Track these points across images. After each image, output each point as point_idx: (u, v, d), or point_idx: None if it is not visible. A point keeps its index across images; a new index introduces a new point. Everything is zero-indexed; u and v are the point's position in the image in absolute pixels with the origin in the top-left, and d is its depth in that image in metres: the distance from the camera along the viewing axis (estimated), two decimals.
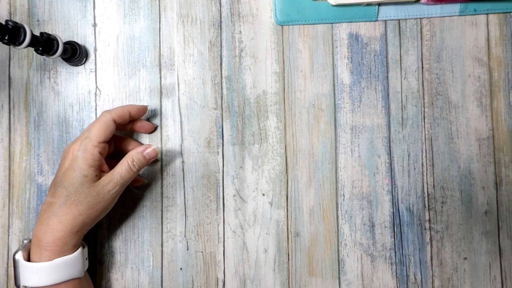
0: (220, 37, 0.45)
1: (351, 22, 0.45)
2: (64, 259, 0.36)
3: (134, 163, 0.38)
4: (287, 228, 0.44)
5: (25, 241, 0.38)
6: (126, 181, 0.38)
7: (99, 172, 0.37)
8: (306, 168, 0.44)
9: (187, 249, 0.44)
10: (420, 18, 0.45)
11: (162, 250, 0.44)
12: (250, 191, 0.44)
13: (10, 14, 0.44)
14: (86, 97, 0.44)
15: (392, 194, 0.44)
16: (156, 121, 0.44)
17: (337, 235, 0.44)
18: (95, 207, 0.37)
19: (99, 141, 0.37)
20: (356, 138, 0.44)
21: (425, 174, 0.44)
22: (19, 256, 0.36)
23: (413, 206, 0.44)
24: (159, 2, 0.45)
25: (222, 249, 0.44)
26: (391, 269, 0.44)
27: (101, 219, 0.41)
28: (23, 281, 0.36)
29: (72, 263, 0.37)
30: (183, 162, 0.44)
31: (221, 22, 0.45)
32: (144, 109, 0.42)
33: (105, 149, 0.38)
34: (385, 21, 0.45)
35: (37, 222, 0.37)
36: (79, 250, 0.38)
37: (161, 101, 0.44)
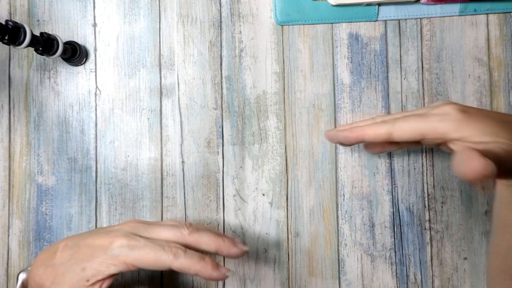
0: (220, 37, 0.45)
1: (351, 22, 0.45)
2: None
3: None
4: (287, 228, 0.44)
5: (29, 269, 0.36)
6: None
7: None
8: (306, 168, 0.44)
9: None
10: (420, 18, 0.45)
11: None
12: (250, 191, 0.44)
13: (10, 14, 0.44)
14: (86, 97, 0.44)
15: (392, 194, 0.44)
16: (156, 121, 0.44)
17: (337, 235, 0.44)
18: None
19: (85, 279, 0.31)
20: None
21: (425, 174, 0.44)
22: (20, 278, 0.35)
23: (413, 206, 0.44)
24: (159, 2, 0.45)
25: None
26: (391, 269, 0.44)
27: (102, 219, 0.41)
28: None
29: None
30: (183, 162, 0.44)
31: (221, 22, 0.45)
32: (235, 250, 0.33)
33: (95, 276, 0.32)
34: (385, 21, 0.45)
35: (37, 266, 0.33)
36: None
37: (161, 101, 0.44)
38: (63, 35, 0.44)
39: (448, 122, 0.32)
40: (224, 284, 0.44)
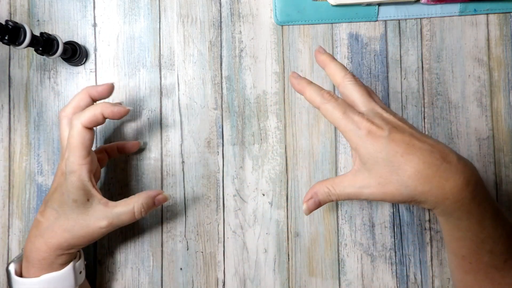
0: (220, 37, 0.45)
1: (351, 22, 0.45)
2: (52, 275, 0.35)
3: (142, 210, 0.35)
4: (287, 228, 0.44)
5: (22, 251, 0.37)
6: (123, 224, 0.35)
7: (91, 195, 0.34)
8: (306, 168, 0.44)
9: (187, 249, 0.44)
10: (420, 18, 0.45)
11: (162, 250, 0.44)
12: (250, 191, 0.44)
13: (10, 14, 0.44)
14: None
15: None
16: (156, 121, 0.44)
17: (337, 235, 0.44)
18: (82, 237, 0.34)
19: (84, 156, 0.33)
20: None
21: None
22: (11, 268, 0.35)
23: (413, 206, 0.44)
24: (159, 2, 0.45)
25: (222, 249, 0.44)
26: (391, 269, 0.44)
27: None
28: None
29: (61, 279, 0.35)
30: (183, 162, 0.44)
31: (221, 22, 0.45)
32: (119, 111, 0.35)
33: (92, 162, 0.35)
34: (385, 21, 0.45)
35: (27, 237, 0.35)
36: (70, 265, 0.36)
37: (161, 101, 0.44)
38: (63, 35, 0.44)
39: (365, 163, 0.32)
40: (224, 284, 0.44)
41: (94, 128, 0.36)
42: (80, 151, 0.33)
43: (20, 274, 0.36)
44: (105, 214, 0.34)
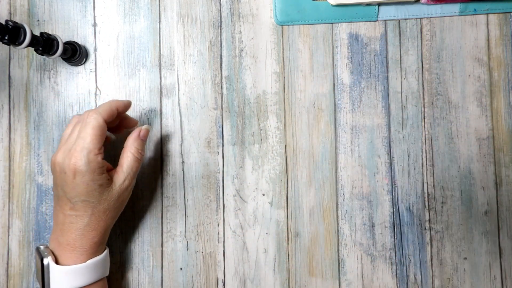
0: (220, 37, 0.45)
1: (351, 22, 0.45)
2: (97, 259, 0.37)
3: (139, 151, 0.38)
4: (287, 228, 0.44)
5: (41, 247, 0.38)
6: (137, 170, 0.39)
7: (108, 173, 0.37)
8: (306, 168, 0.44)
9: (187, 249, 0.44)
10: (420, 18, 0.45)
11: (162, 250, 0.44)
12: (250, 191, 0.44)
13: (10, 14, 0.44)
14: (86, 97, 0.44)
15: (392, 194, 0.44)
16: (156, 121, 0.44)
17: (337, 235, 0.44)
18: (121, 206, 0.39)
19: (99, 148, 0.36)
20: (356, 138, 0.44)
21: (425, 174, 0.44)
22: (49, 261, 0.36)
23: (413, 206, 0.44)
24: (159, 2, 0.45)
25: (222, 249, 0.44)
26: (391, 269, 0.44)
27: None
28: (54, 286, 0.36)
29: (102, 262, 0.38)
30: (183, 162, 0.44)
31: (221, 22, 0.45)
32: (128, 104, 0.40)
33: (103, 151, 0.37)
34: (385, 21, 0.45)
35: (61, 231, 0.37)
36: (107, 250, 0.39)
37: (161, 101, 0.44)
38: (63, 35, 0.44)
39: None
40: (224, 284, 0.44)
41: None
42: (97, 143, 0.36)
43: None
44: (123, 176, 0.37)
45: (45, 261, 0.36)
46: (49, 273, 0.36)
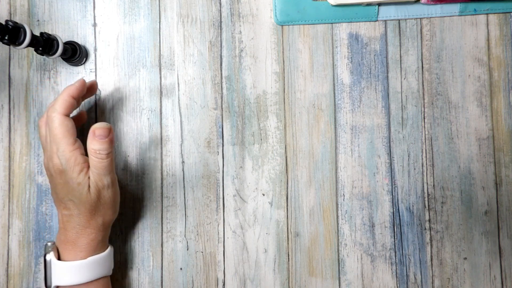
0: (220, 37, 0.45)
1: (351, 22, 0.45)
2: (98, 256, 0.38)
3: (97, 151, 0.35)
4: (287, 228, 0.44)
5: (49, 243, 0.39)
6: (108, 169, 0.36)
7: (88, 172, 0.36)
8: (306, 168, 0.44)
9: (187, 249, 0.44)
10: (420, 18, 0.45)
11: (162, 250, 0.44)
12: (250, 191, 0.44)
13: (10, 14, 0.44)
14: None
15: (392, 194, 0.44)
16: (156, 121, 0.44)
17: (337, 235, 0.44)
18: (108, 204, 0.38)
19: (72, 143, 0.35)
20: (356, 138, 0.44)
21: (425, 174, 0.44)
22: (51, 257, 0.37)
23: (413, 206, 0.44)
24: (159, 2, 0.45)
25: (222, 249, 0.44)
26: (391, 269, 0.44)
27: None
28: (55, 281, 0.37)
29: (104, 260, 0.38)
30: (183, 162, 0.44)
31: (221, 22, 0.45)
32: (81, 83, 0.38)
33: (81, 146, 0.36)
34: (385, 21, 0.45)
35: (63, 230, 0.37)
36: (109, 248, 0.39)
37: (161, 101, 0.44)
38: (63, 35, 0.44)
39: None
40: (224, 284, 0.44)
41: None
42: (68, 139, 0.35)
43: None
44: (93, 177, 0.36)
45: (48, 257, 0.37)
46: (51, 268, 0.37)
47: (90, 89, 0.41)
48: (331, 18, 0.44)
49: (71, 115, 0.39)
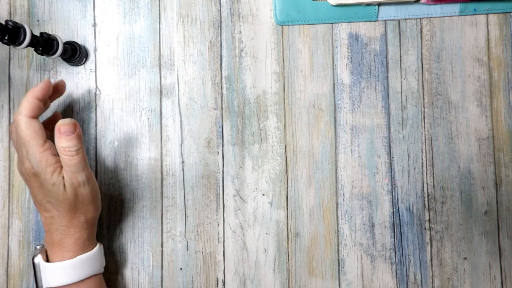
0: (220, 37, 0.45)
1: (351, 22, 0.45)
2: (86, 255, 0.37)
3: (66, 149, 0.35)
4: (287, 228, 0.44)
5: (37, 247, 0.39)
6: (79, 166, 0.36)
7: (62, 171, 0.36)
8: (306, 168, 0.44)
9: (187, 249, 0.44)
10: (420, 18, 0.45)
11: (162, 250, 0.44)
12: (250, 191, 0.44)
13: (10, 14, 0.44)
14: (86, 97, 0.44)
15: (392, 194, 0.44)
16: (156, 121, 0.44)
17: (337, 235, 0.44)
18: (88, 202, 0.37)
19: (41, 145, 0.35)
20: (356, 138, 0.44)
21: (425, 174, 0.44)
22: (39, 259, 0.37)
23: (413, 206, 0.44)
24: (159, 2, 0.45)
25: (222, 249, 0.44)
26: (391, 269, 0.44)
27: (102, 219, 0.41)
28: (46, 283, 0.37)
29: (93, 258, 0.38)
30: (183, 162, 0.44)
31: (221, 22, 0.45)
32: (45, 84, 0.36)
33: (52, 147, 0.36)
34: (385, 21, 0.45)
35: (48, 232, 0.37)
36: (98, 246, 0.39)
37: (161, 101, 0.44)
38: (63, 35, 0.44)
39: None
40: (224, 284, 0.44)
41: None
42: (37, 141, 0.35)
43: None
44: (67, 175, 0.36)
45: (36, 260, 0.37)
46: (40, 271, 0.37)
47: (57, 89, 0.39)
48: (331, 18, 0.44)
49: (48, 118, 0.39)
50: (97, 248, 0.39)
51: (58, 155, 0.36)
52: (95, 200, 0.38)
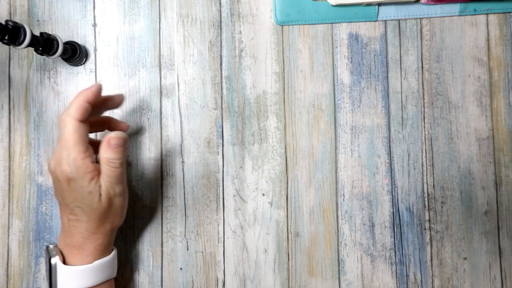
0: (220, 37, 0.45)
1: (351, 22, 0.45)
2: (104, 260, 0.37)
3: (111, 160, 0.35)
4: (287, 228, 0.44)
5: (51, 246, 0.38)
6: (119, 177, 0.36)
7: (99, 179, 0.35)
8: (306, 168, 0.44)
9: (187, 249, 0.44)
10: (420, 18, 0.45)
11: (162, 250, 0.44)
12: (250, 191, 0.44)
13: (10, 14, 0.44)
14: None
15: (392, 194, 0.44)
16: (156, 121, 0.44)
17: (337, 235, 0.44)
18: (118, 211, 0.37)
19: (84, 151, 0.34)
20: (356, 138, 0.44)
21: (425, 174, 0.44)
22: (57, 260, 0.36)
23: (413, 206, 0.44)
24: (159, 2, 0.45)
25: (222, 249, 0.44)
26: (391, 269, 0.44)
27: None
28: (62, 286, 0.36)
29: (109, 263, 0.38)
30: (183, 162, 0.44)
31: (221, 22, 0.45)
32: (97, 88, 0.36)
33: (92, 154, 0.36)
34: (385, 21, 0.45)
35: (68, 233, 0.37)
36: (114, 251, 0.39)
37: (161, 101, 0.44)
38: (63, 35, 0.44)
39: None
40: (224, 284, 0.44)
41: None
42: (81, 147, 0.34)
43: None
44: (105, 185, 0.35)
45: (53, 261, 0.36)
46: (56, 273, 0.36)
47: (115, 101, 0.39)
48: (331, 18, 0.44)
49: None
50: (114, 253, 0.39)
51: (97, 163, 0.36)
52: (124, 210, 0.39)
